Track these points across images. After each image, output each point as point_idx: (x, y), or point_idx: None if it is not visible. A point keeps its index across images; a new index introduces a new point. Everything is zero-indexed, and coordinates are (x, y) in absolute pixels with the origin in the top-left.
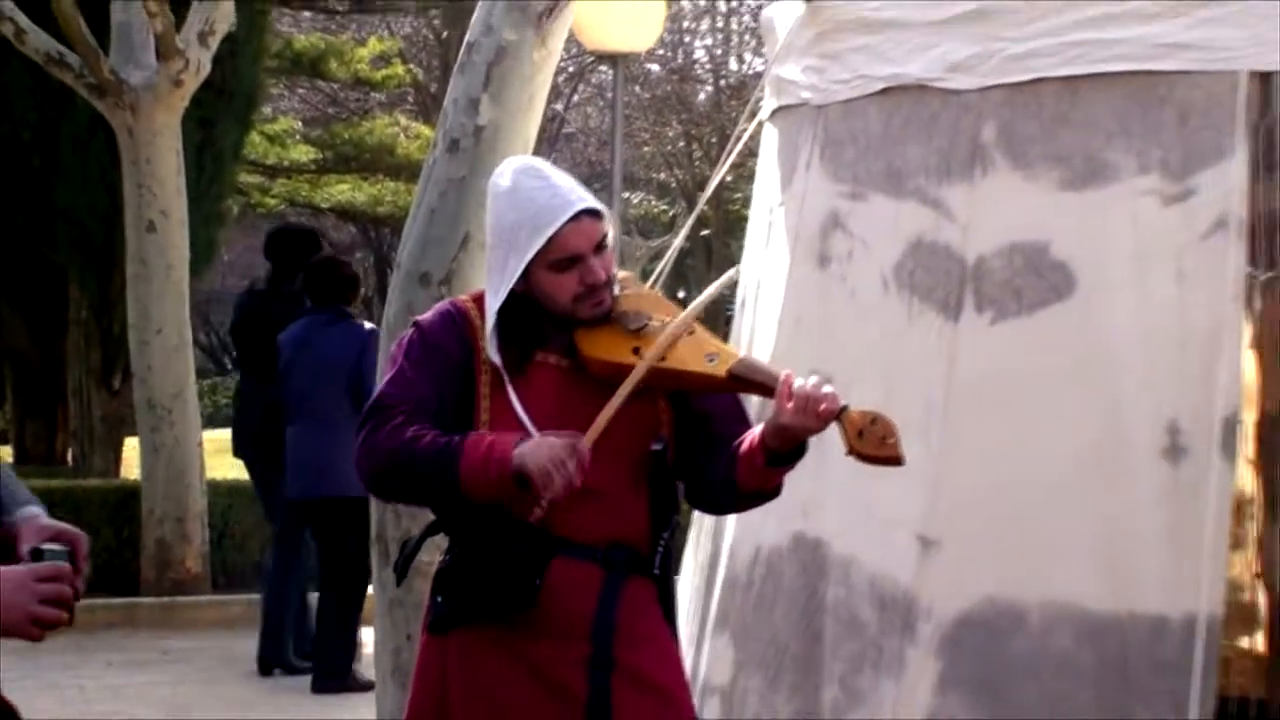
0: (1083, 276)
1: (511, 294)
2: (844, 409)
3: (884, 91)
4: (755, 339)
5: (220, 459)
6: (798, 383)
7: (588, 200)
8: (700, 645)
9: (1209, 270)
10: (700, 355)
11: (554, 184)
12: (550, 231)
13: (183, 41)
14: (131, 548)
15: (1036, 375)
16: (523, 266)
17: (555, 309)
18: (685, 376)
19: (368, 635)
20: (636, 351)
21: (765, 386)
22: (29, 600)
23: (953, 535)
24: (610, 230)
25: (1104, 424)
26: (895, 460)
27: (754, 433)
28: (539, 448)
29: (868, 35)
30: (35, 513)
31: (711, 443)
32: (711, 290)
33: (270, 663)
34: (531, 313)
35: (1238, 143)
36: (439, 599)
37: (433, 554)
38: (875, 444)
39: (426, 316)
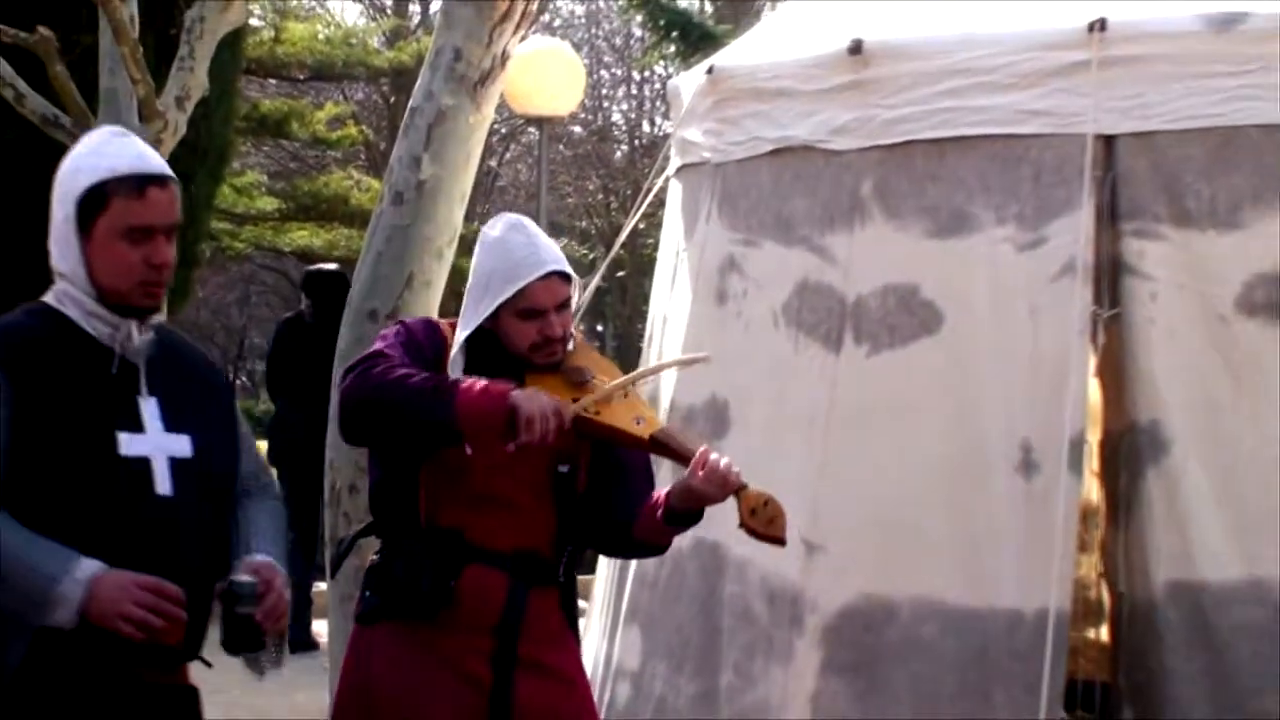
0: (948, 314)
1: (480, 329)
2: (744, 486)
3: (774, 152)
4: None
5: None
6: (712, 456)
7: (561, 264)
8: (614, 635)
9: (1058, 308)
10: (630, 416)
11: (535, 242)
12: (521, 284)
13: (162, 105)
14: None
15: (907, 400)
16: (493, 308)
17: (513, 350)
18: (613, 431)
19: (321, 626)
20: (576, 401)
21: (680, 454)
22: (123, 599)
23: (834, 539)
24: (574, 294)
25: (967, 443)
26: (778, 541)
27: (660, 493)
28: (534, 397)
29: (760, 103)
30: (259, 560)
31: (619, 490)
32: (654, 369)
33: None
34: (493, 348)
35: (1085, 197)
36: (367, 593)
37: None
38: (764, 523)
39: (411, 319)
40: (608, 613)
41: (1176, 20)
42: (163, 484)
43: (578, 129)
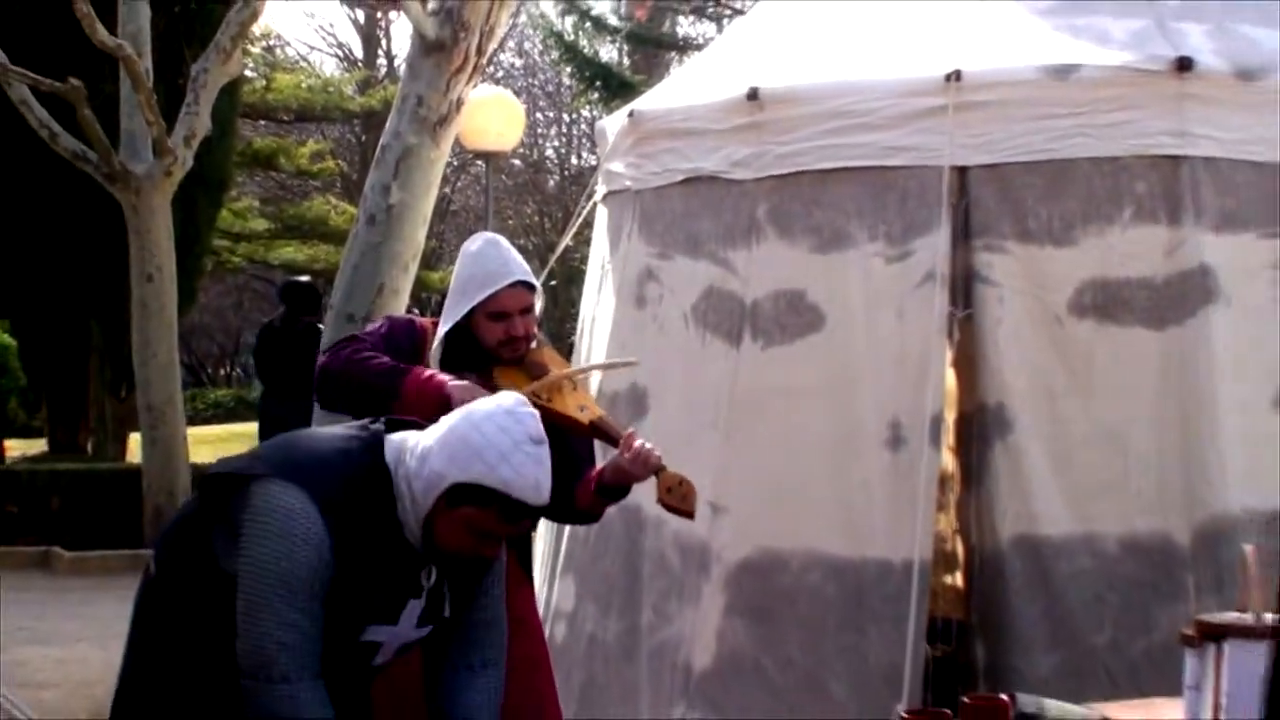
0: (830, 315)
1: (457, 326)
2: (663, 468)
3: (685, 181)
4: (590, 360)
5: (199, 448)
6: (637, 442)
7: (527, 276)
8: (552, 583)
9: (921, 310)
10: (575, 405)
11: (506, 257)
12: (492, 290)
13: (173, 143)
14: (135, 513)
15: (795, 387)
16: (468, 309)
17: (484, 346)
18: (561, 416)
19: None
20: (531, 389)
21: (613, 438)
22: None
23: (735, 502)
24: (538, 301)
25: (845, 422)
26: (689, 515)
27: (594, 470)
28: (469, 389)
29: (673, 140)
30: None
31: (566, 465)
32: (596, 365)
33: None
34: (468, 343)
35: (943, 218)
36: None
37: None
38: (679, 500)
39: (397, 318)
40: (547, 565)
41: (1020, 70)
42: None
43: (517, 162)
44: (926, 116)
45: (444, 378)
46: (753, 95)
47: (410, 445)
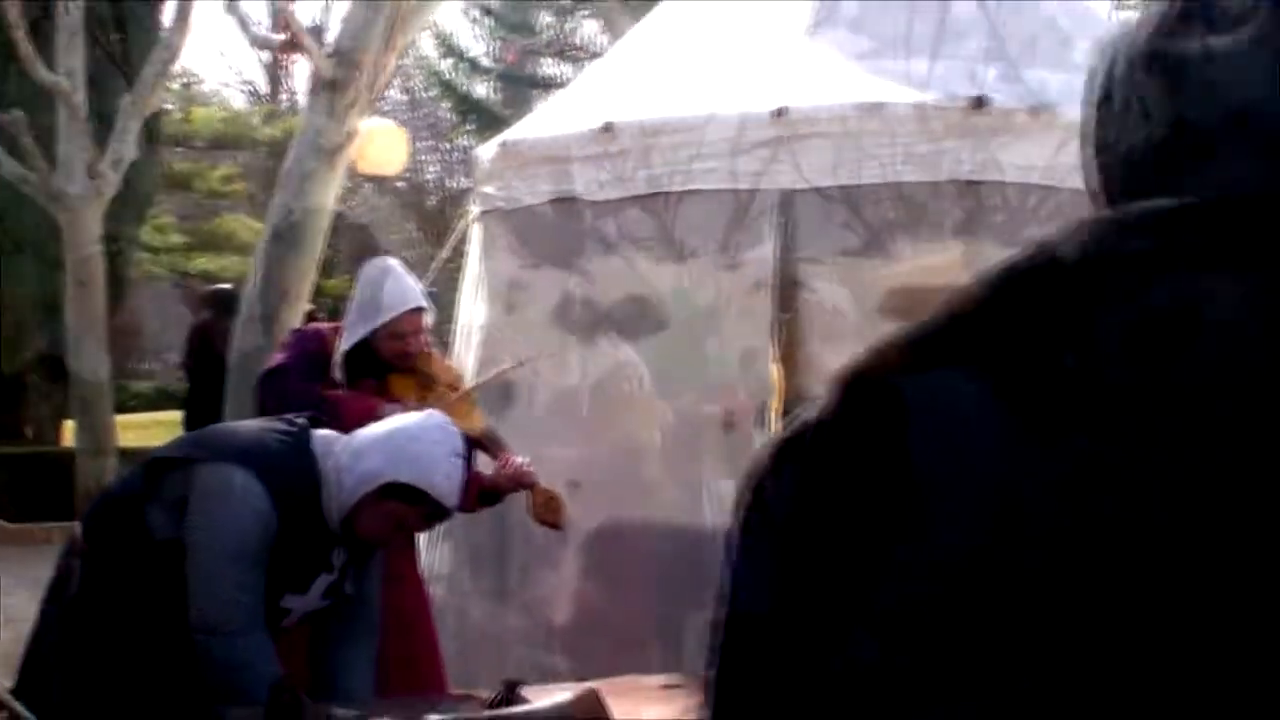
0: (674, 317)
1: (358, 340)
2: (536, 483)
3: (551, 201)
4: (467, 360)
5: (125, 433)
6: (515, 459)
7: (421, 301)
8: (431, 549)
9: (753, 314)
10: (464, 414)
11: (403, 286)
12: (391, 315)
13: (103, 168)
14: (69, 490)
15: (644, 379)
16: (368, 331)
17: (382, 358)
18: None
19: None
20: (419, 397)
21: (494, 452)
22: None
23: (590, 479)
24: (429, 320)
25: (686, 408)
26: (557, 527)
27: (476, 475)
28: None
29: (539, 166)
30: None
31: None
32: (488, 379)
33: None
34: (367, 355)
35: (771, 234)
36: None
37: None
38: (551, 514)
39: (305, 331)
40: (427, 533)
41: (838, 106)
42: None
43: (402, 184)
44: (758, 146)
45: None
46: (607, 128)
47: (341, 442)
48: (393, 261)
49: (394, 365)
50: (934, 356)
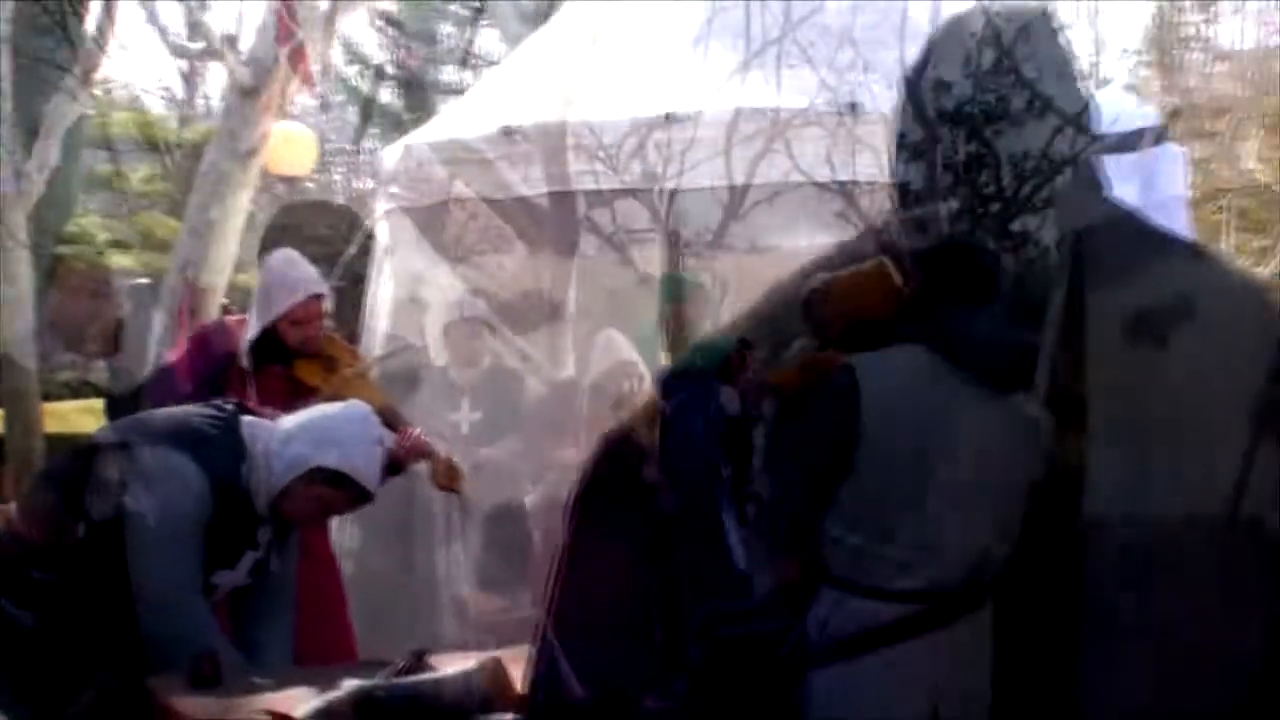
0: (569, 306)
1: (263, 328)
2: (434, 452)
3: (450, 200)
4: (375, 347)
5: (50, 420)
6: (413, 431)
7: (320, 288)
8: (343, 530)
9: (640, 302)
10: (365, 396)
11: (301, 274)
12: (291, 302)
13: (29, 169)
14: None
15: (537, 364)
16: (271, 318)
17: (286, 344)
18: None
19: None
20: (324, 379)
21: (395, 425)
22: None
23: (488, 459)
24: (328, 306)
25: (577, 389)
26: (457, 492)
27: None
28: None
29: (442, 168)
30: None
31: None
32: (381, 357)
33: None
34: (271, 342)
35: (658, 230)
36: None
37: None
38: (453, 480)
39: (209, 323)
40: None
41: (721, 112)
42: None
43: (311, 184)
44: (647, 150)
45: None
46: (508, 132)
47: (269, 427)
48: (292, 253)
49: (299, 351)
50: None
